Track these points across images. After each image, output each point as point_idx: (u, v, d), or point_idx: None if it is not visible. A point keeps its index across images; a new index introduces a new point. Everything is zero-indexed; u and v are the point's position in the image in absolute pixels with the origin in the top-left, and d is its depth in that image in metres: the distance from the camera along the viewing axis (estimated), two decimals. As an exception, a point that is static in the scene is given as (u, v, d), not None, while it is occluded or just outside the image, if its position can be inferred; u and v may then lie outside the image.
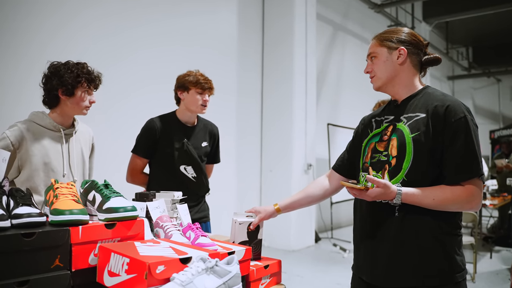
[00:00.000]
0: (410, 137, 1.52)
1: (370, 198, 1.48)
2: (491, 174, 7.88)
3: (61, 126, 2.14)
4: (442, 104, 1.51)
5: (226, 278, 1.13)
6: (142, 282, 1.08)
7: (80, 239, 1.26)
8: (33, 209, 1.27)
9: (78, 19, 4.16)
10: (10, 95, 3.62)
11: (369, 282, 1.59)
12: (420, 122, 1.52)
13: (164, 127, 2.60)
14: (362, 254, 1.64)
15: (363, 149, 1.72)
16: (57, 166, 2.10)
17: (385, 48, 1.62)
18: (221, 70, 5.82)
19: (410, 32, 1.65)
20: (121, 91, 4.53)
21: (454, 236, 1.52)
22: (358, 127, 1.86)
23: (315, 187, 1.91)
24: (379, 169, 1.57)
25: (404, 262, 1.49)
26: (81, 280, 1.27)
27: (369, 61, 1.68)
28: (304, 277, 4.88)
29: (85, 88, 2.11)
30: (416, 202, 1.47)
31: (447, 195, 1.45)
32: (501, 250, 6.37)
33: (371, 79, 1.68)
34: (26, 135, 2.02)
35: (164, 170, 2.59)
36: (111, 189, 1.47)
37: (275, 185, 6.46)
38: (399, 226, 1.51)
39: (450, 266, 1.48)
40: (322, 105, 7.68)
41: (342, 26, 8.55)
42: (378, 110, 1.81)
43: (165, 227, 1.57)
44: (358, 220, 1.68)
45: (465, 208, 1.48)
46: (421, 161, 1.49)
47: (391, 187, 1.46)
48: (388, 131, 1.62)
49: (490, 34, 12.53)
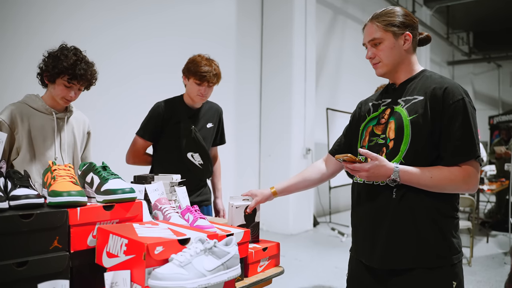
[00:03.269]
0: (408, 120, 1.51)
1: (366, 172, 1.46)
2: (490, 159, 7.90)
3: (53, 109, 2.13)
4: (440, 87, 1.51)
5: (225, 259, 1.13)
6: (140, 263, 1.08)
7: (79, 220, 1.26)
8: (31, 190, 1.27)
9: (80, 11, 4.13)
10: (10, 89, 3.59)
11: (367, 264, 1.60)
12: (418, 105, 1.52)
13: (171, 110, 2.59)
14: (360, 236, 1.65)
15: (361, 132, 1.71)
16: (49, 149, 2.10)
17: (390, 33, 1.58)
18: (220, 56, 5.71)
19: (408, 13, 1.64)
20: (121, 80, 4.51)
21: (451, 219, 1.52)
22: (355, 111, 1.86)
23: (312, 170, 1.91)
24: (376, 151, 1.56)
25: (401, 244, 1.50)
26: (80, 261, 1.27)
27: (371, 46, 1.62)
28: (302, 260, 4.92)
29: (65, 81, 2.04)
30: (414, 180, 1.46)
31: (444, 174, 1.45)
32: (497, 234, 6.43)
33: (375, 65, 1.63)
34: (18, 117, 2.02)
35: (171, 156, 2.59)
36: (109, 171, 1.47)
37: (273, 170, 6.47)
38: (396, 208, 1.51)
39: (447, 248, 1.49)
40: (321, 90, 7.65)
41: (343, 10, 8.47)
42: (375, 94, 1.81)
43: (163, 209, 1.57)
44: (355, 202, 1.68)
45: (462, 189, 1.48)
46: (419, 143, 1.49)
47: (386, 163, 1.46)
48: (386, 114, 1.62)
49: (491, 19, 12.43)
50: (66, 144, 2.18)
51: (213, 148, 2.82)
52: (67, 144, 2.19)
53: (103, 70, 2.29)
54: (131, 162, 2.69)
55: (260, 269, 1.60)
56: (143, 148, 2.66)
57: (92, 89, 2.23)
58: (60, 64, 2.01)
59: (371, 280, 1.60)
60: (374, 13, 1.66)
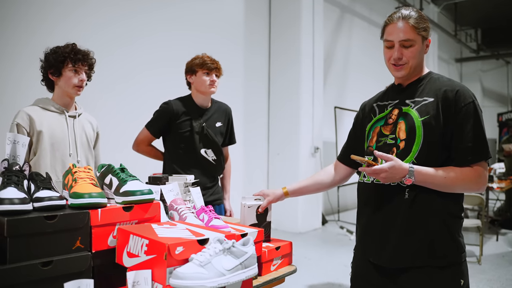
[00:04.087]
0: (420, 121, 1.54)
1: (385, 173, 1.47)
2: (499, 157, 7.86)
3: (64, 108, 2.22)
4: (452, 89, 1.54)
5: (243, 258, 1.17)
6: (162, 263, 1.12)
7: (100, 221, 1.30)
8: (54, 192, 1.31)
9: (83, 7, 4.17)
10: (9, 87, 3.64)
11: (375, 263, 1.62)
12: (429, 106, 1.54)
13: (180, 109, 2.65)
14: (369, 235, 1.66)
15: (367, 133, 1.73)
16: (63, 146, 2.17)
17: (420, 37, 1.59)
18: (228, 54, 5.82)
19: (427, 18, 1.65)
20: (126, 77, 4.56)
21: (458, 219, 1.57)
22: (358, 113, 1.87)
23: (323, 174, 1.94)
24: (386, 152, 1.57)
25: (413, 243, 1.52)
26: (101, 261, 1.31)
27: (400, 46, 1.58)
28: (311, 259, 4.95)
29: (71, 67, 2.16)
30: (428, 180, 1.48)
31: (457, 174, 1.48)
32: (507, 232, 6.41)
33: (401, 66, 1.60)
34: (33, 118, 2.10)
35: (184, 153, 2.65)
36: (127, 173, 1.50)
37: (282, 168, 6.50)
38: (409, 208, 1.53)
39: (456, 247, 1.53)
40: (329, 88, 7.66)
41: (350, 8, 8.46)
42: (378, 95, 1.82)
43: (179, 210, 1.61)
44: (365, 203, 1.69)
45: (472, 189, 1.52)
46: (431, 144, 1.52)
47: (401, 162, 1.47)
48: (393, 114, 1.64)
49: (499, 16, 12.33)
50: (79, 141, 2.26)
51: (224, 149, 2.86)
52: (80, 141, 2.27)
53: (108, 67, 2.36)
54: (135, 149, 2.78)
55: (273, 268, 1.62)
56: (147, 139, 2.73)
57: (97, 85, 2.31)
58: (60, 54, 2.13)
59: (378, 278, 1.61)
60: (403, 12, 1.60)
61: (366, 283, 1.67)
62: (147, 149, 2.78)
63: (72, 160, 2.19)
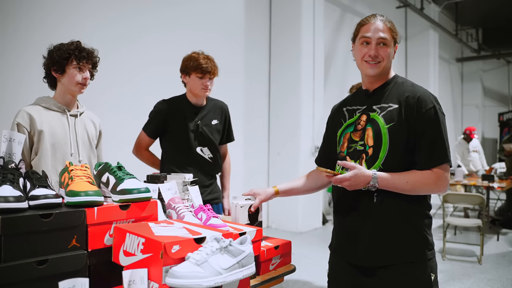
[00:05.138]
0: (386, 128, 1.60)
1: (348, 182, 1.54)
2: (500, 157, 7.84)
3: (65, 107, 2.19)
4: (413, 96, 1.60)
5: (240, 257, 1.15)
6: (158, 262, 1.11)
7: (96, 220, 1.29)
8: (49, 190, 1.30)
9: (84, 5, 4.16)
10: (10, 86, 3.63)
11: (352, 263, 1.67)
12: (394, 113, 1.60)
13: (175, 108, 2.64)
14: (343, 237, 1.73)
15: (338, 138, 1.77)
16: (64, 145, 2.15)
17: (393, 40, 1.66)
18: (228, 53, 5.81)
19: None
20: (129, 75, 4.55)
21: (425, 218, 1.63)
22: (329, 117, 1.92)
23: (311, 179, 1.95)
24: (356, 158, 1.65)
25: (383, 243, 1.60)
26: (97, 259, 1.30)
27: (376, 44, 1.63)
28: (311, 258, 4.94)
29: (76, 65, 2.13)
30: (391, 185, 1.56)
31: (418, 178, 1.56)
32: (508, 232, 6.39)
33: (376, 64, 1.64)
34: (34, 117, 2.07)
35: (181, 152, 2.64)
36: (124, 171, 1.49)
37: (283, 168, 6.49)
38: (378, 211, 1.60)
39: (423, 244, 1.60)
40: (329, 87, 7.65)
41: (350, 7, 8.45)
42: (347, 99, 1.87)
43: (177, 208, 1.60)
44: (337, 206, 1.76)
45: (433, 190, 1.60)
46: (396, 150, 1.58)
47: (364, 170, 1.55)
48: (362, 120, 1.69)
49: (500, 15, 12.30)
50: (81, 140, 2.23)
51: (222, 146, 2.85)
52: (81, 140, 2.24)
53: (109, 66, 2.33)
54: (134, 153, 2.78)
55: (272, 267, 1.62)
56: (145, 143, 2.73)
57: (100, 84, 2.29)
58: (65, 51, 2.11)
59: (354, 276, 1.67)
60: (380, 14, 1.69)
61: (342, 279, 1.74)
62: (146, 154, 2.76)
63: (74, 159, 2.17)
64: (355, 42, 1.71)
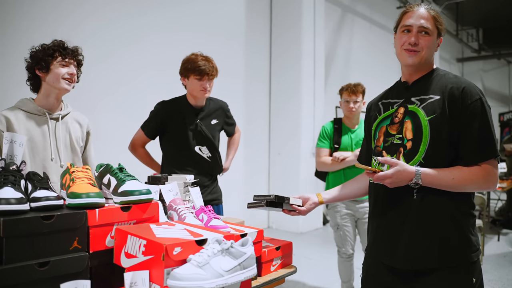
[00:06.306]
0: (426, 120, 1.51)
1: (390, 179, 1.46)
2: (500, 157, 7.82)
3: (46, 110, 2.11)
4: (458, 87, 1.51)
5: (241, 259, 1.15)
6: (159, 263, 1.11)
7: (97, 221, 1.29)
8: (51, 192, 1.30)
9: (85, 5, 4.16)
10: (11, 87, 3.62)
11: (389, 265, 1.59)
12: (436, 104, 1.52)
13: (174, 109, 2.65)
14: (380, 237, 1.64)
15: (373, 132, 1.70)
16: (43, 150, 2.07)
17: (436, 31, 1.59)
18: (229, 54, 5.81)
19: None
20: (129, 76, 4.55)
21: (469, 217, 1.54)
22: (366, 114, 1.85)
23: (357, 182, 1.87)
24: (393, 152, 1.57)
25: (424, 244, 1.51)
26: (99, 261, 1.30)
27: (417, 32, 1.56)
28: (312, 259, 4.93)
29: (60, 60, 2.08)
30: (436, 182, 1.47)
31: (465, 174, 1.46)
32: (508, 233, 6.38)
33: (415, 52, 1.57)
34: (10, 121, 1.99)
35: (179, 152, 2.65)
36: (125, 173, 1.49)
37: (283, 168, 6.49)
38: (418, 209, 1.51)
39: (467, 246, 1.50)
40: (330, 88, 7.64)
41: (351, 8, 8.44)
42: (383, 93, 1.79)
43: (178, 210, 1.60)
44: (374, 204, 1.68)
45: (482, 187, 1.50)
46: (438, 143, 1.49)
47: (407, 166, 1.46)
48: (399, 113, 1.61)
49: (501, 16, 12.29)
50: (63, 144, 2.14)
51: (230, 139, 3.01)
52: (64, 144, 2.15)
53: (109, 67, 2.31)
54: (130, 149, 2.79)
55: (273, 268, 1.61)
56: (141, 141, 2.74)
57: (99, 86, 2.26)
58: (48, 49, 2.07)
59: (391, 279, 1.59)
60: (424, 5, 1.62)
61: (377, 284, 1.65)
62: (141, 151, 2.78)
63: (55, 164, 2.08)
64: (396, 32, 1.64)
